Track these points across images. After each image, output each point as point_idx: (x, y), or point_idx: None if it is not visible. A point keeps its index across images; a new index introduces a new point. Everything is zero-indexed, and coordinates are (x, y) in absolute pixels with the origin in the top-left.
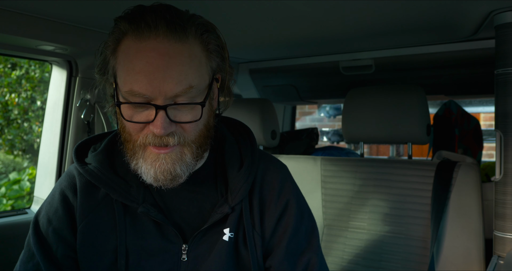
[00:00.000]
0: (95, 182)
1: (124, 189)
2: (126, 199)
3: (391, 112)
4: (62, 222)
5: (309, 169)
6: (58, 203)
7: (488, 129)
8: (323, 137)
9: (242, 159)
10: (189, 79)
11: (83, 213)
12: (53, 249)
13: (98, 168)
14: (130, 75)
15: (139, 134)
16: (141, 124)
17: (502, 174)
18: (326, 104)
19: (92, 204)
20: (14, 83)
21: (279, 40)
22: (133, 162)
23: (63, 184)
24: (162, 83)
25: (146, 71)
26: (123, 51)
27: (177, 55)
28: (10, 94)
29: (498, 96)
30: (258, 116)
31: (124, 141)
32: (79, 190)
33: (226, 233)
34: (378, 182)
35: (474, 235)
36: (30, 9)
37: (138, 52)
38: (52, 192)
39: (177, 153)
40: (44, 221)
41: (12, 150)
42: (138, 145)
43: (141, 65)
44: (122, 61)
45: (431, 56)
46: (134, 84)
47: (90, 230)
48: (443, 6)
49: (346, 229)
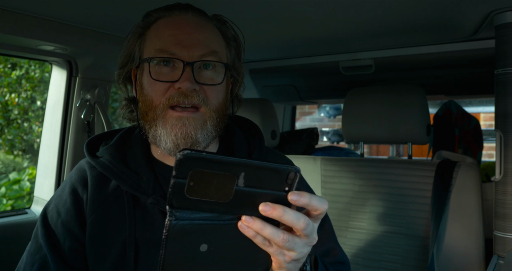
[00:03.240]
0: (107, 174)
1: (134, 181)
2: (136, 191)
3: (391, 112)
4: (71, 215)
5: (309, 169)
6: (67, 196)
7: (488, 129)
8: (323, 137)
9: (250, 152)
10: (214, 46)
11: (93, 206)
12: (61, 242)
13: (109, 160)
14: (160, 39)
15: (162, 97)
16: (166, 85)
17: (502, 174)
18: (326, 104)
19: (103, 196)
20: (14, 83)
21: (279, 40)
22: (152, 130)
23: (73, 177)
24: (189, 43)
25: (175, 34)
26: (153, 28)
27: (204, 26)
28: (10, 94)
29: (498, 96)
30: (258, 116)
31: (143, 114)
32: (90, 183)
33: None
34: (378, 182)
35: (474, 235)
36: (30, 9)
37: (168, 23)
38: (62, 185)
39: (199, 118)
40: (53, 214)
41: (12, 150)
42: (160, 109)
43: (171, 30)
44: (152, 34)
45: (431, 56)
46: (163, 44)
47: (100, 222)
48: (443, 6)
49: (346, 229)
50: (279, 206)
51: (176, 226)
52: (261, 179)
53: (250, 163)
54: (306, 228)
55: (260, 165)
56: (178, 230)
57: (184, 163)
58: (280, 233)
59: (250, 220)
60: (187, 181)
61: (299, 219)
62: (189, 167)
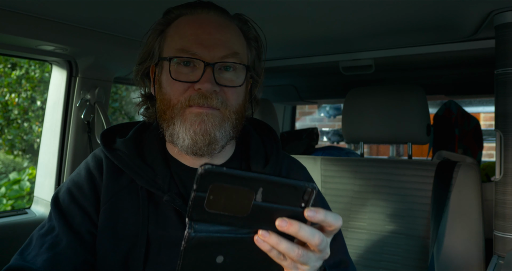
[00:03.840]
0: (123, 167)
1: (150, 177)
2: (152, 187)
3: (391, 112)
4: (87, 199)
5: (309, 169)
6: (84, 181)
7: (488, 129)
8: (323, 136)
9: (267, 155)
10: (235, 47)
11: (107, 195)
12: (77, 223)
13: (126, 154)
14: (181, 38)
15: (181, 96)
16: (185, 85)
17: (502, 174)
18: (326, 104)
19: (116, 188)
20: (14, 83)
21: (279, 40)
22: (170, 128)
23: (90, 163)
24: (211, 44)
25: (197, 34)
26: (174, 26)
27: (226, 26)
28: (10, 94)
29: (498, 96)
30: (258, 117)
31: (161, 112)
32: (105, 172)
33: None
34: (378, 182)
35: (474, 235)
36: (30, 9)
37: (190, 21)
38: (77, 170)
39: (219, 116)
40: (65, 197)
41: (12, 150)
42: (178, 108)
43: (193, 30)
44: (173, 32)
45: (431, 56)
46: (185, 44)
47: (112, 213)
48: (443, 6)
49: (346, 229)
50: (295, 222)
51: (195, 238)
52: (278, 194)
53: (269, 179)
54: (321, 244)
55: (278, 181)
56: (196, 242)
57: (205, 177)
58: (295, 248)
59: (267, 234)
60: (207, 195)
61: (314, 235)
62: (210, 181)
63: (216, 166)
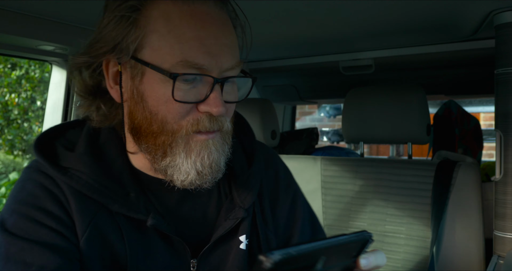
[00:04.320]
0: (87, 192)
1: (124, 198)
2: (129, 210)
3: (391, 112)
4: (60, 223)
5: (309, 169)
6: (45, 200)
7: (488, 129)
8: (323, 136)
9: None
10: (238, 53)
11: (84, 220)
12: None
13: (87, 174)
14: (181, 43)
15: (184, 121)
16: (188, 106)
17: (502, 173)
18: (326, 104)
19: (92, 209)
20: (14, 83)
21: (279, 40)
22: (166, 159)
23: (44, 181)
24: (218, 52)
25: (201, 38)
26: (158, 17)
27: (227, 25)
28: (10, 94)
29: (498, 96)
30: (258, 116)
31: (150, 134)
32: (70, 191)
33: (243, 241)
34: (378, 182)
35: (474, 234)
36: (30, 9)
37: (186, 15)
38: (22, 191)
39: (220, 138)
40: (25, 226)
41: (12, 150)
42: (180, 135)
43: (194, 30)
44: (162, 29)
45: (431, 56)
46: (187, 53)
47: (95, 241)
48: (443, 6)
49: (347, 229)
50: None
51: None
52: (338, 255)
53: (333, 244)
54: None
55: (342, 243)
56: None
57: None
58: None
59: None
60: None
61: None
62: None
63: (282, 253)
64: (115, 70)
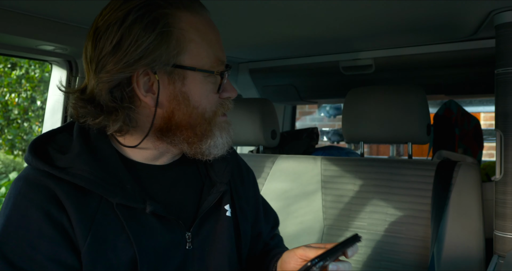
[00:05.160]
0: (91, 187)
1: (122, 190)
2: (129, 201)
3: (391, 112)
4: (57, 244)
5: (309, 169)
6: (40, 223)
7: (488, 129)
8: (323, 136)
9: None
10: None
11: (84, 229)
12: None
13: (88, 171)
14: (212, 47)
15: (216, 108)
16: (216, 95)
17: (502, 173)
18: (326, 104)
19: (89, 215)
20: (14, 83)
21: (279, 40)
22: (208, 141)
23: (36, 198)
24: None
25: (218, 40)
26: (189, 28)
27: None
28: (10, 94)
29: (498, 96)
30: (258, 116)
31: (189, 126)
32: (68, 201)
33: (228, 209)
34: (378, 182)
35: (474, 234)
36: (30, 9)
37: (205, 24)
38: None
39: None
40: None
41: (12, 150)
42: (215, 120)
43: (213, 35)
44: (197, 38)
45: (431, 56)
46: (217, 54)
47: (99, 245)
48: (443, 6)
49: (347, 229)
50: None
51: None
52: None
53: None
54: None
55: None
56: None
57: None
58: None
59: None
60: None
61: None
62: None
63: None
64: (146, 79)
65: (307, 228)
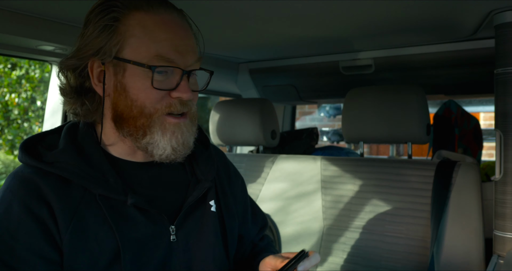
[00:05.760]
0: (75, 178)
1: (105, 183)
2: (111, 193)
3: (391, 112)
4: (35, 236)
5: (309, 169)
6: (21, 216)
7: (488, 129)
8: (323, 136)
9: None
10: (197, 51)
11: (66, 220)
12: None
13: (72, 164)
14: (156, 43)
15: (158, 104)
16: (162, 93)
17: (502, 173)
18: (326, 104)
19: (72, 206)
20: (14, 83)
21: (279, 40)
22: (146, 137)
23: (19, 193)
24: (185, 50)
25: (171, 39)
26: (137, 25)
27: (189, 29)
28: (10, 94)
29: (498, 96)
30: (258, 116)
31: (131, 119)
32: (51, 194)
33: (213, 205)
34: (378, 182)
35: (474, 234)
36: (30, 9)
37: (158, 22)
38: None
39: (189, 123)
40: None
41: (12, 150)
42: (157, 117)
43: (165, 33)
44: (139, 33)
45: (431, 56)
46: (161, 50)
47: (81, 235)
48: (443, 6)
49: (346, 229)
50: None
51: None
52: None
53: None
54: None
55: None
56: None
57: None
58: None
59: None
60: None
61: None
62: None
63: None
64: (99, 70)
65: (306, 228)
